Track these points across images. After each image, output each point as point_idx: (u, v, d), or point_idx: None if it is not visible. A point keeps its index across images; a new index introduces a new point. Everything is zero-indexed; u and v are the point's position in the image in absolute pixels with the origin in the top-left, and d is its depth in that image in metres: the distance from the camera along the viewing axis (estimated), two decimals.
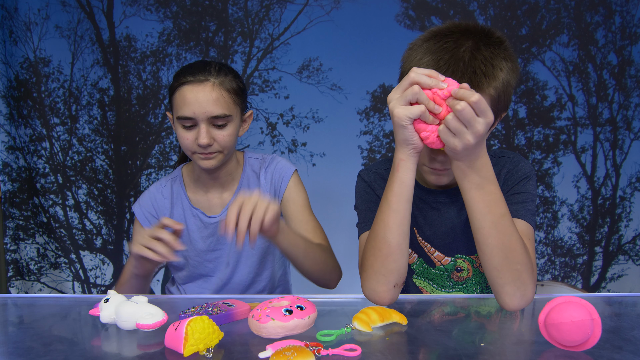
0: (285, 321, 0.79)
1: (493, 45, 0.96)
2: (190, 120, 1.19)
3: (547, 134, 2.15)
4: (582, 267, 2.21)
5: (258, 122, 2.15)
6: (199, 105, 1.17)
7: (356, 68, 2.11)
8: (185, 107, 1.18)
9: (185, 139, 1.21)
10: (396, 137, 0.89)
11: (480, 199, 0.89)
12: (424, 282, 1.18)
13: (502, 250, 0.89)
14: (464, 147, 0.83)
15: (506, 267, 0.90)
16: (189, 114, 1.18)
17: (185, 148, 1.23)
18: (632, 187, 2.18)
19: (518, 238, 0.91)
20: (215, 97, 1.18)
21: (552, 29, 2.10)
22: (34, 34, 2.09)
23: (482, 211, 0.89)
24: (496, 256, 0.90)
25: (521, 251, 0.90)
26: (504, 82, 0.95)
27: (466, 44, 0.95)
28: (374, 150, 2.15)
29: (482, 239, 0.90)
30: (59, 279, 2.23)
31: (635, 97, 2.13)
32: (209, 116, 1.18)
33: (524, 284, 0.90)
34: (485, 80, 0.93)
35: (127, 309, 0.83)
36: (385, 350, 0.75)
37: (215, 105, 1.18)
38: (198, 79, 1.19)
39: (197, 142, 1.19)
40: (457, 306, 1.01)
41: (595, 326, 0.71)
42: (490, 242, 0.90)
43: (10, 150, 2.14)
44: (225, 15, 2.11)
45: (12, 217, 2.16)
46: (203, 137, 1.18)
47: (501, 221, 0.89)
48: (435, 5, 2.08)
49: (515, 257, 0.90)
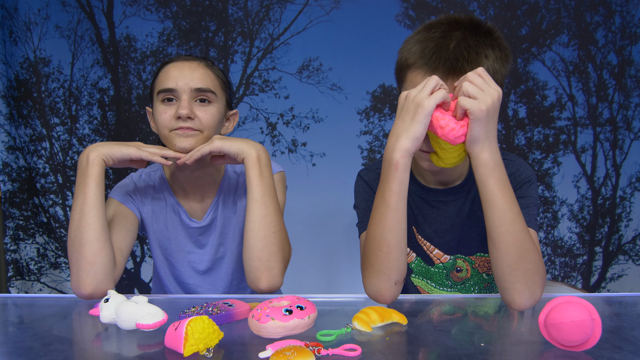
0: (285, 321, 0.79)
1: (481, 34, 0.98)
2: (171, 92, 1.13)
3: (547, 134, 2.15)
4: (582, 267, 2.21)
5: (258, 122, 2.15)
6: (183, 77, 1.13)
7: (356, 68, 2.11)
8: (168, 80, 1.13)
9: (163, 113, 1.13)
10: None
11: (502, 195, 0.90)
12: (422, 281, 1.18)
13: (517, 249, 0.90)
14: (487, 108, 0.86)
15: (520, 265, 0.90)
16: (172, 85, 1.13)
17: (162, 125, 1.14)
18: (632, 187, 2.18)
19: (530, 238, 0.92)
20: (201, 72, 1.15)
21: (552, 29, 2.10)
22: (34, 34, 2.09)
23: (503, 208, 0.90)
24: (512, 254, 0.90)
25: (534, 251, 0.92)
26: (490, 69, 0.96)
27: (454, 33, 0.98)
28: (374, 150, 2.15)
29: (500, 236, 0.91)
30: (59, 279, 2.23)
31: (635, 97, 2.13)
32: (192, 88, 1.13)
33: (534, 283, 0.91)
34: (467, 66, 0.95)
35: (127, 309, 0.83)
36: (385, 350, 0.75)
37: (200, 79, 1.14)
38: (184, 58, 1.17)
39: (177, 113, 1.11)
40: (457, 306, 1.01)
41: (595, 326, 0.71)
42: (508, 240, 0.90)
43: (10, 150, 2.14)
44: (225, 15, 2.11)
45: (12, 217, 2.16)
46: (184, 107, 1.11)
47: (518, 219, 0.91)
48: (435, 5, 2.08)
49: (528, 256, 0.91)
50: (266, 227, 1.09)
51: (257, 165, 1.11)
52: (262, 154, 1.12)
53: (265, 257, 1.09)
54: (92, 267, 1.04)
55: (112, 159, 1.09)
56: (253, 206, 1.10)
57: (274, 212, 1.11)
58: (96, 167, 1.07)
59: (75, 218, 1.06)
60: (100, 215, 1.06)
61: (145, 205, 1.25)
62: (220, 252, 1.27)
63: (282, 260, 1.11)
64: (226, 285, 1.29)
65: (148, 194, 1.26)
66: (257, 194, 1.10)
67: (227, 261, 1.28)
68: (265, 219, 1.10)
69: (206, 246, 1.27)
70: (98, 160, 1.07)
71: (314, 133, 2.15)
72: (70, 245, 1.06)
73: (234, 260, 1.28)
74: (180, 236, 1.26)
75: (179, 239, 1.26)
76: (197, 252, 1.27)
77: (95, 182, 1.06)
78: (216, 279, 1.29)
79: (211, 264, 1.28)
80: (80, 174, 1.08)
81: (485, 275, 1.16)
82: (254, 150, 1.12)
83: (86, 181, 1.06)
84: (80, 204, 1.06)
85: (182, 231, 1.26)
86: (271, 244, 1.09)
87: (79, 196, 1.06)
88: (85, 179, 1.06)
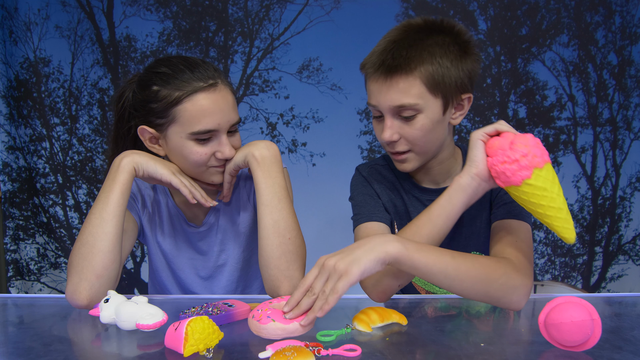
0: (286, 323, 0.78)
1: (430, 33, 1.00)
2: (210, 133, 1.03)
3: (547, 134, 2.15)
4: (582, 267, 2.21)
5: (258, 122, 2.15)
6: (221, 114, 1.02)
7: (356, 68, 2.09)
8: (207, 119, 1.01)
9: (202, 154, 1.03)
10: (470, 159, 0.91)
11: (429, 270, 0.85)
12: (416, 277, 1.18)
13: (478, 283, 0.87)
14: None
15: (491, 290, 0.87)
16: (213, 126, 1.02)
17: (196, 164, 1.05)
18: (632, 187, 2.18)
19: (477, 261, 0.87)
20: (231, 103, 1.05)
21: (552, 29, 2.10)
22: (34, 34, 2.09)
23: (442, 272, 0.85)
24: (479, 291, 0.87)
25: (491, 267, 0.88)
26: (437, 64, 0.97)
27: (405, 35, 1.00)
28: (374, 150, 2.15)
29: (458, 291, 0.88)
30: (59, 279, 2.23)
31: (635, 97, 2.13)
32: (231, 124, 1.04)
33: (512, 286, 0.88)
34: (404, 62, 0.97)
35: (127, 309, 0.83)
36: (385, 350, 0.75)
37: (234, 111, 1.05)
38: (211, 86, 1.02)
39: (222, 155, 1.04)
40: (457, 306, 1.01)
41: (595, 326, 0.71)
42: (466, 286, 0.87)
43: (10, 150, 2.14)
44: (225, 15, 2.11)
45: (12, 217, 2.16)
46: (229, 149, 1.04)
47: (456, 265, 0.85)
48: (435, 5, 2.08)
49: (490, 277, 0.87)
50: (280, 233, 1.01)
51: (260, 166, 1.04)
52: (265, 152, 1.04)
53: (283, 266, 1.00)
54: (98, 280, 0.96)
55: (144, 171, 1.03)
56: (263, 211, 1.02)
57: (288, 215, 1.02)
58: (125, 174, 1.01)
59: (92, 223, 0.98)
60: (119, 226, 0.99)
61: (146, 209, 1.20)
62: (221, 259, 1.22)
63: (301, 267, 1.02)
64: (231, 293, 1.24)
65: (148, 198, 1.20)
66: (266, 197, 1.02)
67: (230, 269, 1.22)
68: (278, 225, 1.01)
69: (207, 253, 1.22)
70: (129, 167, 1.01)
71: (314, 133, 2.15)
72: (79, 249, 0.98)
73: (239, 267, 1.23)
74: (180, 242, 1.21)
75: (179, 245, 1.21)
76: (198, 259, 1.22)
77: (121, 190, 1.00)
78: (218, 287, 1.23)
79: (212, 271, 1.23)
80: (109, 177, 1.01)
81: None
82: (254, 149, 1.04)
83: (112, 186, 1.00)
84: (100, 209, 0.99)
85: (182, 236, 1.21)
86: (288, 252, 1.00)
87: (100, 200, 0.99)
88: (112, 185, 1.00)
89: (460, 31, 1.02)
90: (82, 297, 0.96)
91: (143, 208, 1.20)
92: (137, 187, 1.20)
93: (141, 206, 1.19)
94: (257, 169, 1.04)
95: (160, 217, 1.21)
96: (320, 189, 2.13)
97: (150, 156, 1.05)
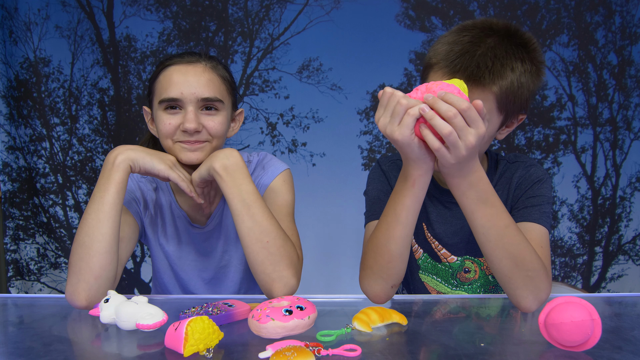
0: (285, 321, 0.79)
1: (513, 45, 0.95)
2: (175, 101, 1.05)
3: (547, 134, 2.15)
4: (582, 267, 2.21)
5: (258, 122, 2.15)
6: (188, 85, 1.04)
7: (356, 68, 2.11)
8: (172, 88, 1.04)
9: (167, 123, 1.05)
10: (407, 157, 0.85)
11: (481, 214, 0.88)
12: (428, 277, 1.18)
13: (511, 260, 0.89)
14: (457, 161, 0.80)
15: (517, 274, 0.90)
16: (176, 94, 1.04)
17: (165, 135, 1.06)
18: (632, 187, 2.18)
19: (527, 245, 0.90)
20: (206, 79, 1.06)
21: (552, 29, 2.10)
22: (34, 34, 2.09)
23: (485, 225, 0.88)
24: (505, 266, 0.90)
25: (531, 258, 0.90)
26: (515, 82, 0.93)
27: (485, 40, 0.94)
28: (374, 150, 2.15)
29: (489, 251, 0.90)
30: (59, 279, 2.23)
31: (635, 97, 2.13)
32: (199, 98, 1.05)
33: (536, 287, 0.90)
34: (488, 76, 0.92)
35: (127, 309, 0.83)
36: (385, 350, 0.75)
37: (207, 87, 1.06)
38: (187, 60, 1.07)
39: (183, 127, 1.04)
40: (457, 306, 1.01)
41: (595, 326, 0.71)
42: (498, 254, 0.89)
43: (10, 150, 2.14)
44: (225, 15, 2.11)
45: (12, 217, 2.16)
46: (191, 120, 1.03)
47: (506, 232, 0.88)
48: (435, 5, 2.08)
49: (525, 264, 0.89)
50: (257, 238, 0.99)
51: (223, 176, 1.01)
52: (225, 162, 1.01)
53: (269, 269, 1.00)
54: (97, 281, 0.96)
55: (140, 167, 1.02)
56: (236, 221, 1.01)
57: (262, 219, 1.00)
58: (121, 172, 0.99)
59: (88, 224, 0.97)
60: (115, 226, 0.98)
61: (148, 211, 1.19)
62: (224, 259, 1.22)
63: (289, 265, 1.01)
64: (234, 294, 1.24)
65: (150, 200, 1.20)
66: (235, 207, 1.00)
67: (233, 269, 1.22)
68: (252, 232, 1.00)
69: (211, 254, 1.21)
70: (124, 165, 1.00)
71: (314, 133, 2.15)
72: (76, 250, 0.97)
73: (242, 268, 1.22)
74: (183, 244, 1.21)
75: (182, 247, 1.21)
76: (201, 260, 1.22)
77: (116, 189, 0.98)
78: (221, 288, 1.23)
79: (215, 273, 1.23)
80: (103, 174, 1.00)
81: (491, 278, 1.16)
82: (215, 161, 1.02)
83: (107, 186, 0.98)
84: (96, 209, 0.97)
85: (185, 238, 1.21)
86: (270, 255, 1.00)
87: (96, 200, 0.98)
88: (106, 184, 0.98)
89: (536, 49, 0.98)
90: (81, 298, 0.96)
91: (145, 210, 1.19)
92: (139, 188, 1.19)
93: (143, 208, 1.18)
94: (221, 181, 1.02)
95: (163, 219, 1.21)
96: (320, 189, 2.13)
97: (145, 150, 1.03)
